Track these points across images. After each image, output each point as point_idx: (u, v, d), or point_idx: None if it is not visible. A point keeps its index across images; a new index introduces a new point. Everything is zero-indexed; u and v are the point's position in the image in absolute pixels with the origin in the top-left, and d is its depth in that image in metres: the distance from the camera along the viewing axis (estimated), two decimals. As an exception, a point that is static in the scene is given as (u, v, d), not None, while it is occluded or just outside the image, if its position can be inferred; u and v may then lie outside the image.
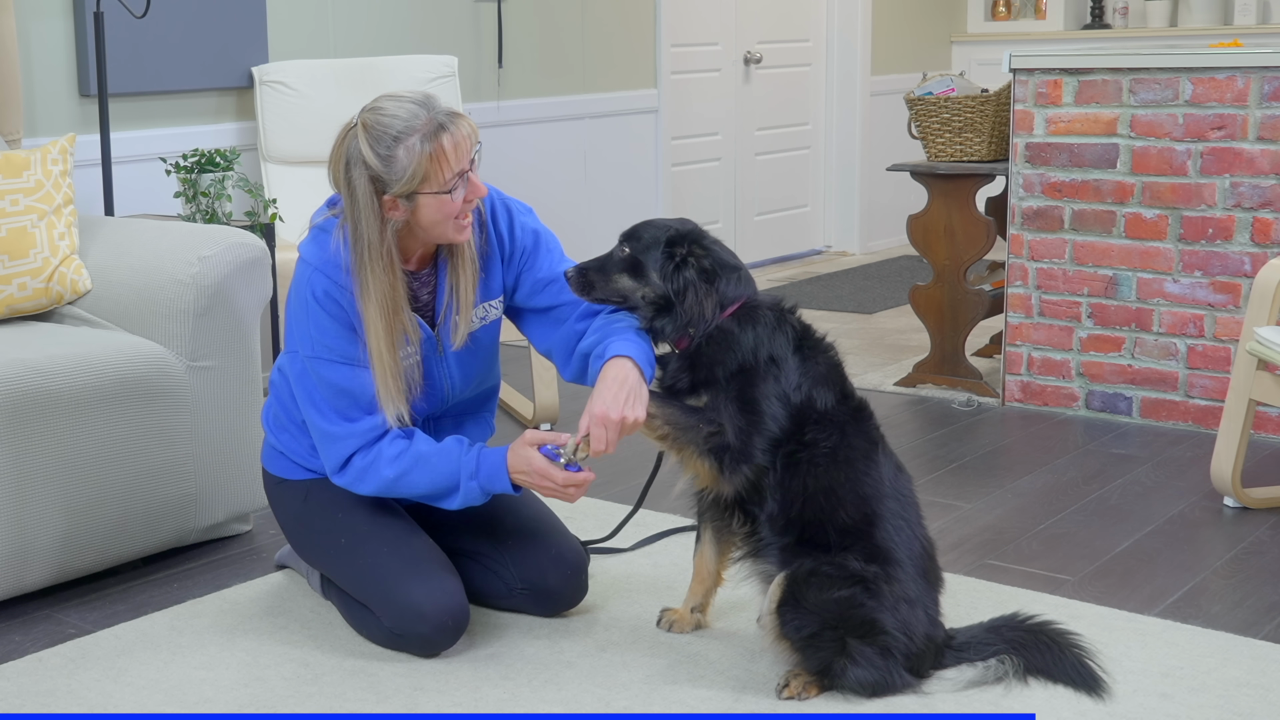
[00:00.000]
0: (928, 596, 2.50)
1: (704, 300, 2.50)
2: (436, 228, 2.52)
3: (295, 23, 4.73)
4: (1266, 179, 4.00)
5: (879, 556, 2.46)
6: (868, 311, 6.05)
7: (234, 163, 4.16)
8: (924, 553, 2.53)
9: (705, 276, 2.51)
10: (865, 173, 7.47)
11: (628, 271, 2.55)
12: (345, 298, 2.55)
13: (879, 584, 2.43)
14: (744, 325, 2.52)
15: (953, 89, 4.63)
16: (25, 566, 2.88)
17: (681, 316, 2.51)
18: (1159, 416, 4.25)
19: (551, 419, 4.24)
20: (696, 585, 2.74)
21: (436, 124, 2.45)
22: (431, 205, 2.48)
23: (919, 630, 2.46)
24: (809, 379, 2.52)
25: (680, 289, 2.50)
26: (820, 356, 2.56)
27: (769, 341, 2.51)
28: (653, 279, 2.53)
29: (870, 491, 2.50)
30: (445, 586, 2.63)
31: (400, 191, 2.45)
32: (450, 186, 2.47)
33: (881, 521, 2.49)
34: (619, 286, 2.56)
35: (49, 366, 2.91)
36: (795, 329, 2.55)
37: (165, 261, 3.17)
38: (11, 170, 3.23)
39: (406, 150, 2.43)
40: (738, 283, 2.55)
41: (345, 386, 2.58)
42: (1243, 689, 2.52)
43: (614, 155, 6.05)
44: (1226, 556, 3.20)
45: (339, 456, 2.61)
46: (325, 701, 2.49)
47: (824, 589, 2.43)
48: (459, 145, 2.47)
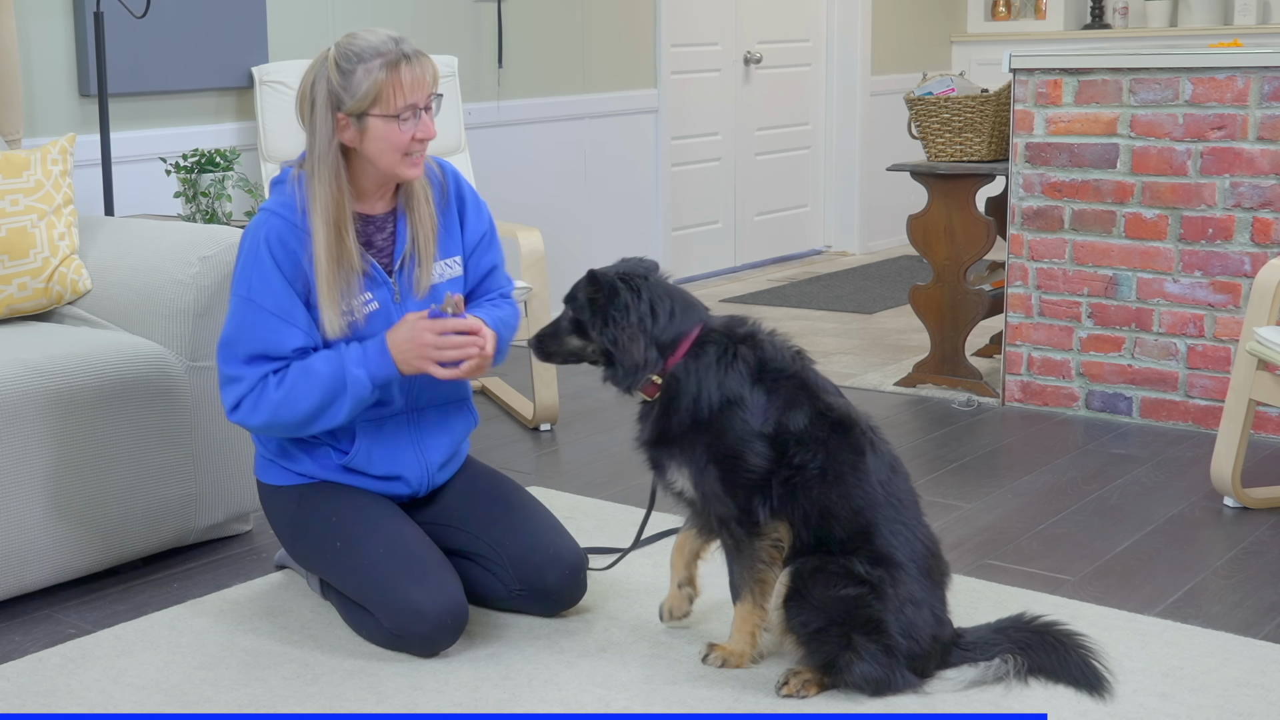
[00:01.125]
0: (933, 596, 2.50)
1: (631, 347, 2.51)
2: (384, 158, 2.59)
3: (295, 23, 4.73)
4: (1266, 179, 4.00)
5: (882, 562, 2.46)
6: (868, 311, 6.05)
7: (234, 163, 4.16)
8: (927, 551, 2.53)
9: (629, 323, 2.51)
10: (865, 173, 7.47)
11: (575, 333, 2.59)
12: (297, 238, 2.60)
13: (883, 587, 2.43)
14: (690, 369, 2.52)
15: (953, 89, 4.63)
16: (25, 566, 2.88)
17: (621, 367, 2.53)
18: (1159, 416, 4.25)
19: (551, 419, 4.24)
20: (676, 558, 2.71)
21: (400, 54, 2.56)
22: (379, 131, 2.56)
23: (924, 632, 2.46)
24: (776, 408, 2.50)
25: (612, 340, 2.53)
26: (785, 381, 2.53)
27: (721, 385, 2.51)
28: (592, 335, 2.56)
29: (863, 503, 2.50)
30: (443, 585, 2.63)
31: (352, 109, 2.55)
32: (400, 115, 2.56)
33: (878, 529, 2.49)
34: (571, 348, 2.61)
35: (49, 366, 2.91)
36: (748, 361, 2.52)
37: (165, 261, 3.17)
38: (11, 170, 3.23)
39: (365, 70, 2.55)
40: (672, 317, 2.54)
41: (266, 336, 2.60)
42: (1243, 689, 2.52)
43: (614, 155, 6.05)
44: (1226, 556, 3.20)
45: (235, 397, 2.63)
46: (325, 701, 2.49)
47: (829, 586, 2.43)
48: (416, 80, 2.57)
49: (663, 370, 2.53)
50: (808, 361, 2.60)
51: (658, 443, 2.57)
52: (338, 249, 2.59)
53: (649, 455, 2.61)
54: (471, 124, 5.17)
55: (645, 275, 2.59)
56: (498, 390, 4.63)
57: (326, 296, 2.60)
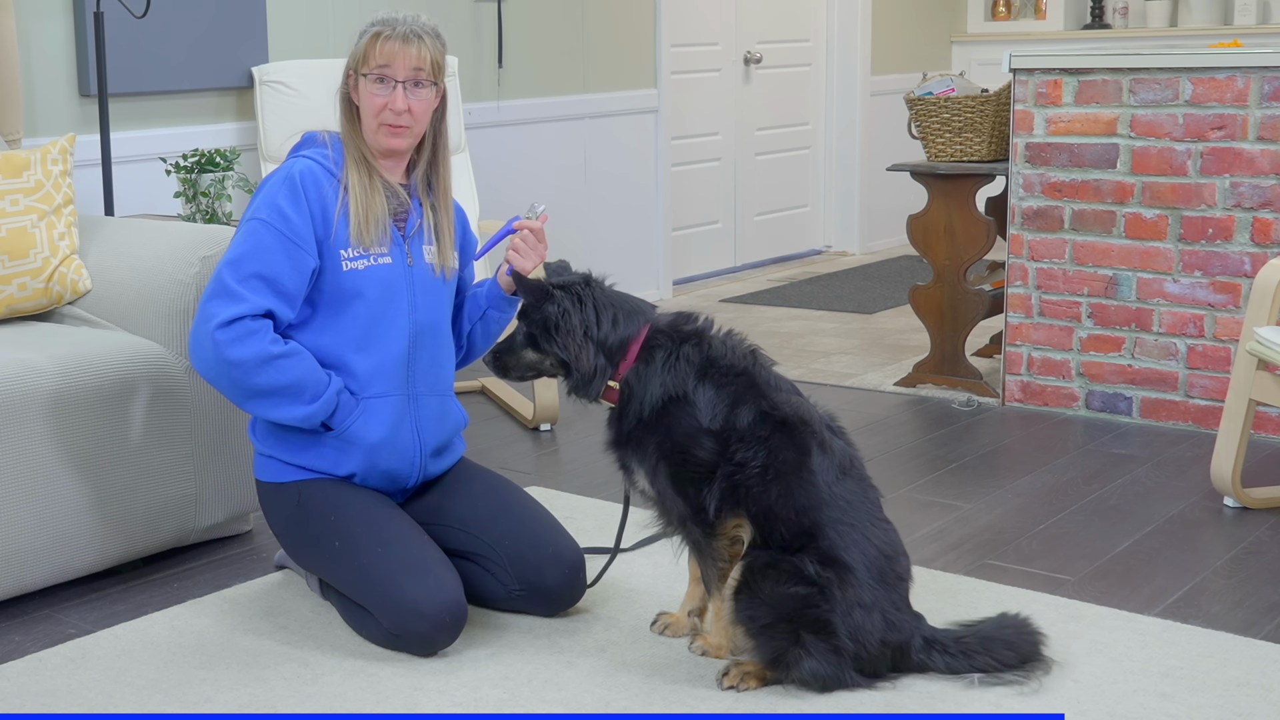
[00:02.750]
0: (885, 599, 2.49)
1: (580, 355, 2.59)
2: (366, 118, 2.76)
3: (295, 23, 4.73)
4: (1266, 179, 4.00)
5: (829, 563, 2.46)
6: (868, 311, 6.05)
7: (234, 163, 4.16)
8: (879, 554, 2.50)
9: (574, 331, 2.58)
10: (865, 173, 7.47)
11: (529, 346, 2.67)
12: (328, 181, 2.73)
13: (831, 590, 2.44)
14: (640, 373, 2.58)
15: (953, 89, 4.63)
16: (25, 566, 2.88)
17: (575, 375, 2.61)
18: (1159, 416, 4.25)
19: (551, 419, 4.24)
20: (694, 588, 2.74)
21: (394, 29, 2.74)
22: (363, 90, 2.75)
23: (873, 637, 2.46)
24: (723, 404, 2.53)
25: (562, 349, 2.60)
26: (733, 379, 2.55)
27: (664, 385, 2.55)
28: (544, 347, 2.63)
29: (806, 503, 2.49)
30: (442, 583, 2.63)
31: (350, 65, 2.79)
32: (372, 74, 2.72)
33: (822, 531, 2.49)
34: (528, 361, 2.69)
35: (49, 366, 2.91)
36: (692, 361, 2.56)
37: (165, 261, 3.17)
38: (11, 170, 3.23)
39: (367, 35, 2.77)
40: (615, 324, 2.60)
41: (275, 261, 2.65)
42: (1243, 689, 2.52)
43: (614, 155, 6.04)
44: (1226, 556, 3.20)
45: (228, 314, 2.63)
46: (325, 701, 2.49)
47: (780, 583, 2.45)
48: (394, 52, 2.72)
49: (617, 376, 2.59)
50: (762, 360, 2.62)
51: (619, 445, 2.63)
52: (369, 184, 2.74)
53: (616, 458, 2.66)
54: (471, 124, 5.17)
55: (587, 283, 2.65)
56: (498, 390, 4.63)
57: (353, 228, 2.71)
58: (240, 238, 2.70)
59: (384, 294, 2.74)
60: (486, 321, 2.94)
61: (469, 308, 2.95)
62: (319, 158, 2.77)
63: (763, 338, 5.53)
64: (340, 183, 2.74)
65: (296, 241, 2.67)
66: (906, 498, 3.61)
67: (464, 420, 2.95)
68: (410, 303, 2.77)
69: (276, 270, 2.66)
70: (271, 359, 2.64)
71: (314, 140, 2.83)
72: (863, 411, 4.45)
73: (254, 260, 2.66)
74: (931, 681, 2.51)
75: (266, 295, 2.65)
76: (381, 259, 2.75)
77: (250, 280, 2.65)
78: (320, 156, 2.77)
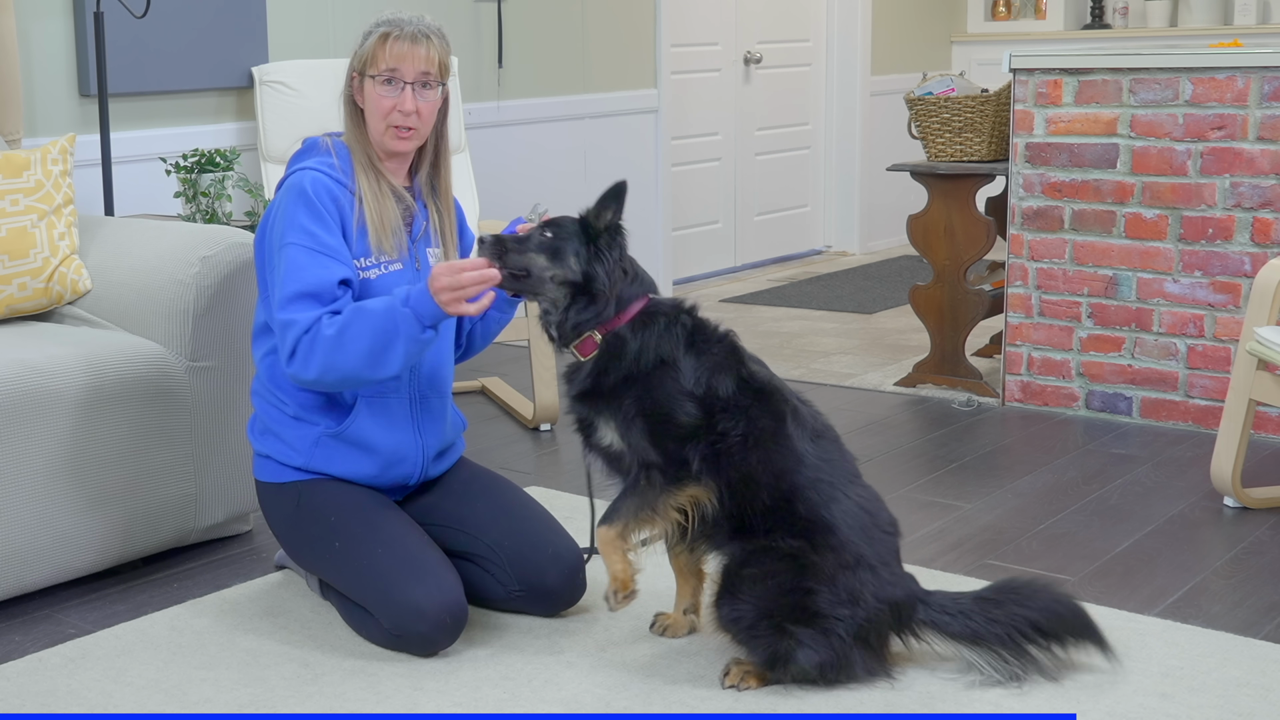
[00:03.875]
0: (874, 553, 2.48)
1: (611, 283, 2.56)
2: (372, 120, 2.74)
3: (295, 23, 4.73)
4: (1266, 179, 4.00)
5: (807, 528, 2.46)
6: (868, 311, 6.05)
7: (234, 163, 4.16)
8: (860, 510, 2.51)
9: (615, 263, 2.57)
10: (865, 173, 7.47)
11: (545, 253, 2.58)
12: (337, 186, 2.70)
13: (808, 557, 2.43)
14: (636, 332, 2.57)
15: (953, 89, 4.64)
16: (25, 566, 2.88)
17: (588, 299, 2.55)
18: (1159, 416, 4.25)
19: (551, 419, 4.24)
20: (682, 585, 2.74)
21: (402, 30, 2.73)
22: (370, 91, 2.73)
23: (866, 593, 2.44)
24: (706, 370, 2.54)
25: (597, 271, 2.56)
26: (715, 347, 2.58)
27: (658, 345, 2.55)
28: (569, 263, 2.56)
29: (785, 466, 2.50)
30: (442, 583, 2.63)
31: (356, 67, 2.76)
32: (378, 78, 2.71)
33: (801, 492, 2.49)
34: (530, 262, 2.58)
35: (49, 366, 2.91)
36: (686, 327, 2.58)
37: (165, 261, 3.17)
38: (11, 170, 3.23)
39: (374, 36, 2.75)
40: (632, 280, 2.60)
41: (312, 273, 2.63)
42: (1243, 689, 2.52)
43: (614, 155, 6.04)
44: (1226, 556, 3.20)
45: (291, 342, 2.61)
46: (325, 701, 2.49)
47: (757, 576, 2.45)
48: (404, 54, 2.71)
49: (605, 328, 2.56)
50: (735, 338, 2.64)
51: (588, 397, 2.58)
52: (379, 190, 2.73)
53: (578, 413, 2.62)
54: (471, 124, 5.17)
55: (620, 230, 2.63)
56: (498, 390, 4.63)
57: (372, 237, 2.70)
58: (276, 270, 2.66)
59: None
60: (486, 322, 2.93)
61: None
62: (325, 168, 2.72)
63: (763, 338, 5.53)
64: (351, 193, 2.72)
65: (322, 248, 2.64)
66: (906, 498, 3.61)
67: (463, 423, 2.96)
68: None
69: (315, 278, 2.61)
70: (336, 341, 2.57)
71: (316, 147, 2.79)
72: (863, 411, 4.45)
73: (292, 282, 2.62)
74: (931, 681, 2.51)
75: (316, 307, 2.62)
76: (392, 266, 2.74)
77: (294, 302, 2.61)
78: (326, 167, 2.73)
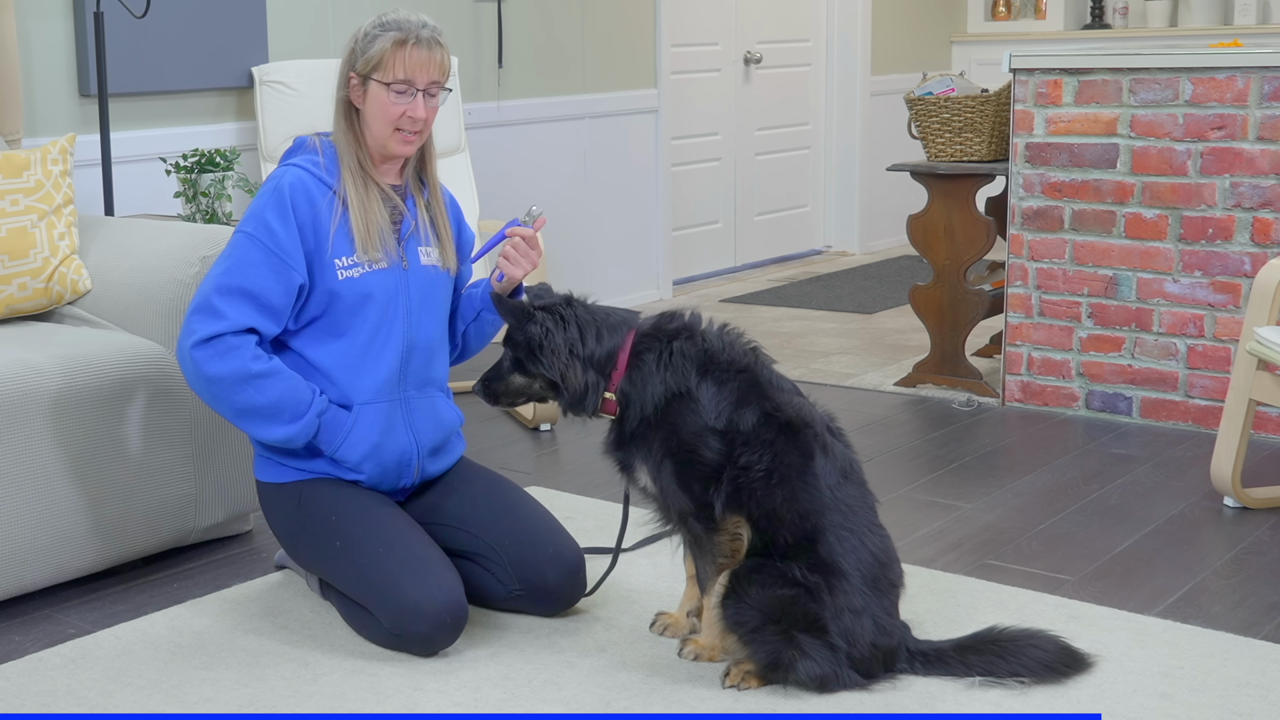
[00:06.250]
0: (877, 605, 2.49)
1: (568, 374, 2.58)
2: (376, 124, 2.72)
3: (295, 23, 4.73)
4: (1266, 179, 4.00)
5: (822, 569, 2.46)
6: (868, 311, 6.05)
7: (234, 163, 4.16)
8: (874, 560, 2.51)
9: (560, 351, 2.57)
10: (865, 173, 7.47)
11: (517, 371, 2.65)
12: (319, 189, 2.70)
13: (820, 594, 2.44)
14: (635, 382, 2.57)
15: (953, 89, 4.64)
16: (25, 566, 2.88)
17: (566, 394, 2.60)
18: (1159, 416, 4.25)
19: (551, 419, 4.25)
20: (691, 588, 2.74)
21: (417, 36, 2.70)
22: (376, 96, 2.70)
23: (863, 639, 2.46)
24: (727, 403, 2.52)
25: (548, 370, 2.59)
26: (734, 376, 2.55)
27: (665, 381, 2.54)
28: (532, 370, 2.62)
29: (809, 507, 2.49)
30: (442, 583, 2.63)
31: (360, 69, 2.72)
32: (392, 85, 2.69)
33: (824, 535, 2.49)
34: (517, 386, 2.68)
35: (49, 366, 2.91)
36: (688, 354, 2.55)
37: (165, 261, 3.17)
38: (11, 170, 3.23)
39: (383, 39, 2.71)
40: (599, 337, 2.59)
41: (259, 277, 2.64)
42: (1243, 689, 2.52)
43: (614, 155, 6.04)
44: (1226, 556, 3.20)
45: (208, 331, 2.62)
46: (325, 701, 2.49)
47: (766, 586, 2.45)
48: (419, 61, 2.69)
49: (611, 387, 2.58)
50: (763, 359, 2.62)
51: (620, 446, 2.62)
52: (366, 195, 2.72)
53: (617, 459, 2.65)
54: (471, 124, 5.17)
55: (568, 302, 2.64)
56: (498, 390, 4.63)
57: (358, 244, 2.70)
58: (227, 251, 2.69)
59: (380, 300, 2.73)
60: (481, 323, 2.94)
61: (463, 307, 2.95)
62: (309, 165, 2.73)
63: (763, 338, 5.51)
64: (333, 191, 2.72)
65: (283, 258, 2.66)
66: (906, 498, 3.61)
67: (459, 418, 2.95)
68: (405, 307, 2.76)
69: (261, 286, 2.65)
70: (250, 377, 2.63)
71: (304, 146, 2.79)
72: (863, 411, 4.45)
73: (239, 275, 2.65)
74: (931, 681, 2.51)
75: (249, 312, 2.64)
76: (377, 264, 2.73)
77: (233, 296, 2.64)
78: (311, 164, 2.74)
